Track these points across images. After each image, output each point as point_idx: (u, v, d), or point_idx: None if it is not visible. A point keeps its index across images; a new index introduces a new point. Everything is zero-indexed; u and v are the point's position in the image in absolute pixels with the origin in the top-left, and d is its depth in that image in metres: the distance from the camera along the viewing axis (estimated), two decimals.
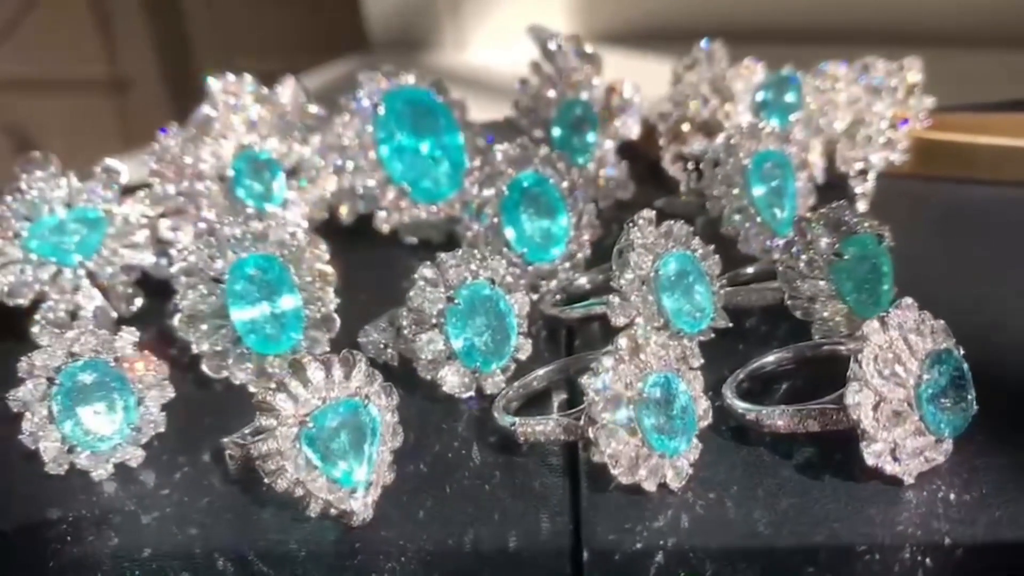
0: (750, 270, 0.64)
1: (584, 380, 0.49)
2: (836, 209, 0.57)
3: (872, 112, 0.74)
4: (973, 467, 0.49)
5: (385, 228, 0.74)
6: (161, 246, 0.69)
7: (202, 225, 0.64)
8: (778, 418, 0.50)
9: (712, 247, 0.59)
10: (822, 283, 0.56)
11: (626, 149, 0.81)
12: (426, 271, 0.57)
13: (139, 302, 0.68)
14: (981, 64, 1.00)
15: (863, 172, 0.73)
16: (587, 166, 0.75)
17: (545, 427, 0.51)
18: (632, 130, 0.77)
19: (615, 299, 0.57)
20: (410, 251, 0.75)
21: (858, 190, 0.73)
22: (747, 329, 0.61)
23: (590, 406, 0.48)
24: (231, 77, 0.73)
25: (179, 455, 0.57)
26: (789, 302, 0.57)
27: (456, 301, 0.56)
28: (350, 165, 0.73)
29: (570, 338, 0.63)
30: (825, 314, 0.56)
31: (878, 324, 0.47)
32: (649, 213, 0.57)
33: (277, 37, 1.74)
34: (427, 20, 1.44)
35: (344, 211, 0.74)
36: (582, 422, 0.49)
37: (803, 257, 0.56)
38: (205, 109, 0.72)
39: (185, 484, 0.55)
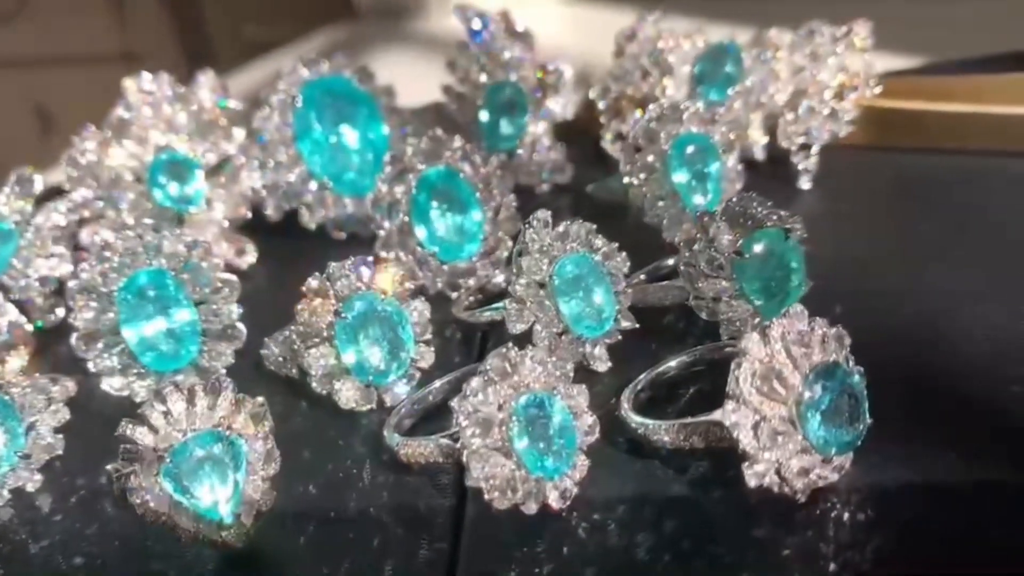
0: (670, 262, 0.60)
1: (454, 403, 0.46)
2: (741, 201, 0.53)
3: (816, 82, 0.69)
4: (871, 483, 0.46)
5: (311, 224, 0.72)
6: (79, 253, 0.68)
7: (97, 239, 0.63)
8: (664, 433, 0.48)
9: (617, 245, 0.56)
10: (724, 283, 0.53)
11: (570, 128, 0.78)
12: (313, 283, 0.55)
13: (61, 312, 0.67)
14: (957, 11, 0.94)
15: (805, 147, 0.69)
16: (517, 151, 0.72)
17: (425, 449, 0.49)
18: (566, 110, 0.74)
19: (512, 305, 0.54)
20: (338, 247, 0.73)
21: (800, 166, 0.69)
22: (663, 326, 0.58)
23: (461, 430, 0.46)
24: (147, 77, 0.71)
25: (79, 478, 0.56)
26: (693, 302, 0.54)
27: (344, 315, 0.54)
28: (272, 161, 0.71)
29: (484, 341, 0.61)
30: (730, 314, 0.53)
31: (758, 337, 0.44)
32: (544, 214, 0.54)
33: (285, 5, 1.73)
34: None
35: (270, 207, 0.72)
36: (459, 444, 0.47)
37: (703, 256, 0.53)
38: (119, 111, 0.70)
39: (79, 509, 0.54)
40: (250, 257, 0.72)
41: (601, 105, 0.75)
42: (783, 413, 0.44)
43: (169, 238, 0.58)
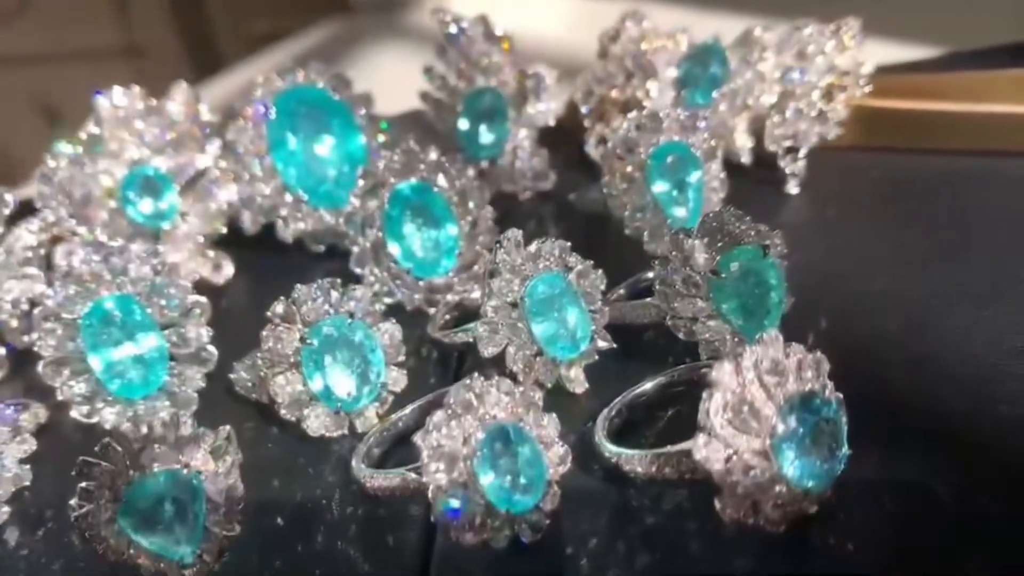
0: (651, 275, 0.58)
1: (416, 438, 0.45)
2: (718, 217, 0.51)
3: (804, 83, 0.67)
4: (851, 512, 0.44)
5: (288, 237, 0.70)
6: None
7: (63, 264, 0.62)
8: (637, 463, 0.46)
9: (592, 263, 0.54)
10: (701, 303, 0.51)
11: (555, 130, 0.76)
12: (278, 307, 0.53)
13: (35, 335, 0.66)
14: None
15: (792, 150, 0.67)
16: (497, 160, 0.70)
17: (391, 483, 0.48)
18: (548, 116, 0.72)
19: (483, 328, 0.53)
20: (317, 259, 0.71)
21: (788, 170, 0.67)
22: (643, 344, 0.57)
23: (424, 465, 0.44)
24: (118, 91, 0.69)
25: (48, 509, 0.55)
26: (669, 322, 0.52)
27: (309, 341, 0.52)
28: (247, 174, 0.69)
29: (461, 362, 0.59)
30: (707, 335, 0.51)
31: (730, 368, 0.42)
32: (515, 233, 0.52)
33: None
34: None
35: (247, 221, 0.71)
36: (424, 479, 0.46)
37: (679, 275, 0.51)
38: (90, 128, 0.69)
39: (45, 543, 0.53)
40: (227, 272, 0.71)
41: (584, 109, 0.73)
42: (756, 446, 0.42)
43: (135, 260, 0.57)
